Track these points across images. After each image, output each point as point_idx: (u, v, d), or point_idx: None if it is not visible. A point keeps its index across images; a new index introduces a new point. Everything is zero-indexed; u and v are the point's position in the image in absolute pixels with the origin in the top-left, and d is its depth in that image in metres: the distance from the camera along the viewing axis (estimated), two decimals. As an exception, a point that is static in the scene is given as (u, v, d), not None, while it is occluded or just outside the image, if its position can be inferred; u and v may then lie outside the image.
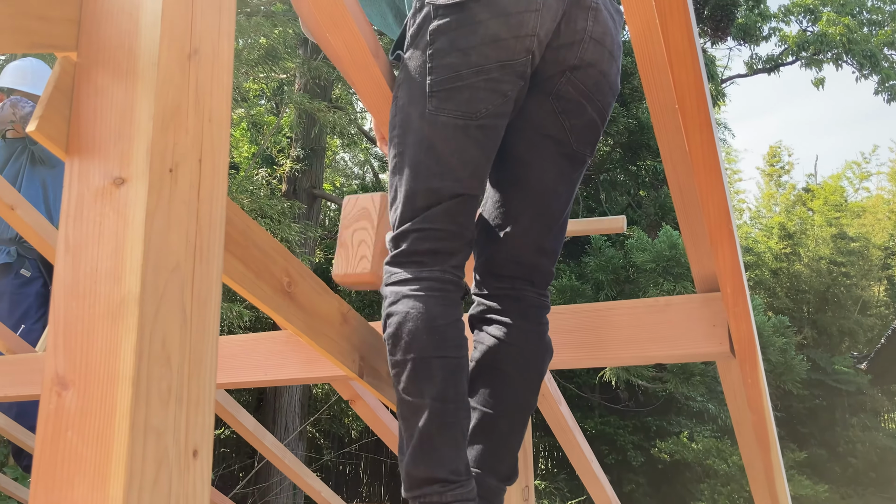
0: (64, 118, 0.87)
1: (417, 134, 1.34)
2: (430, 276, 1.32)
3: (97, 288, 0.79)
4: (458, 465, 1.27)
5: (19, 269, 3.06)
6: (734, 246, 1.19)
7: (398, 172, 1.36)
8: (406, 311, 1.29)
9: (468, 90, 1.31)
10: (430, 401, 1.26)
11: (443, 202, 1.34)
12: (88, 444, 0.75)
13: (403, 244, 1.35)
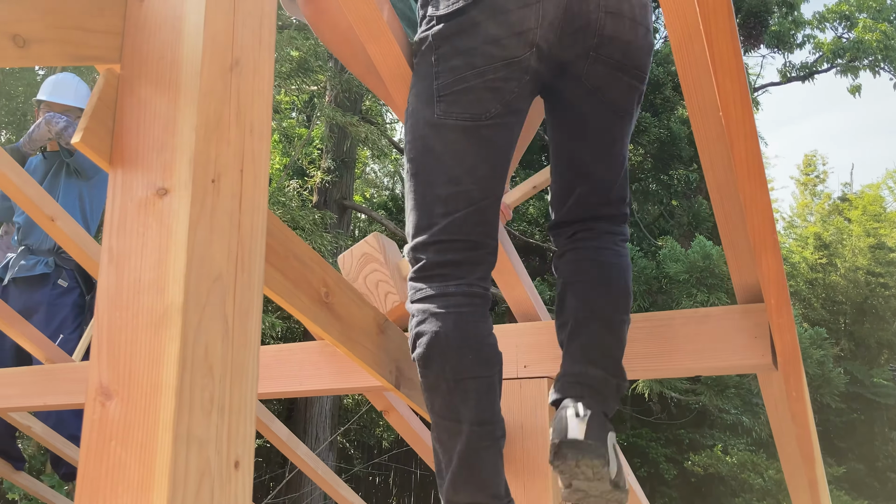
0: (108, 130, 0.88)
1: (428, 140, 1.32)
2: (456, 292, 1.29)
3: (140, 298, 0.80)
4: (498, 489, 1.25)
5: (56, 280, 3.11)
6: (778, 256, 1.17)
7: (413, 180, 1.34)
8: (435, 331, 1.26)
9: (475, 92, 1.29)
10: (468, 424, 1.23)
11: (461, 210, 1.31)
12: (132, 454, 0.75)
13: (425, 257, 1.32)
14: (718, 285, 6.46)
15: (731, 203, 1.35)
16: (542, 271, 9.47)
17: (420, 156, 1.33)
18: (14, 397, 2.26)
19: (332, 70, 7.84)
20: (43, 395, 2.23)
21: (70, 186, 3.22)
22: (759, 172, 1.06)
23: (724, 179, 1.32)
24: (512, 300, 1.79)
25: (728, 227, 1.40)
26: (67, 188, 3.21)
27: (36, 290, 3.09)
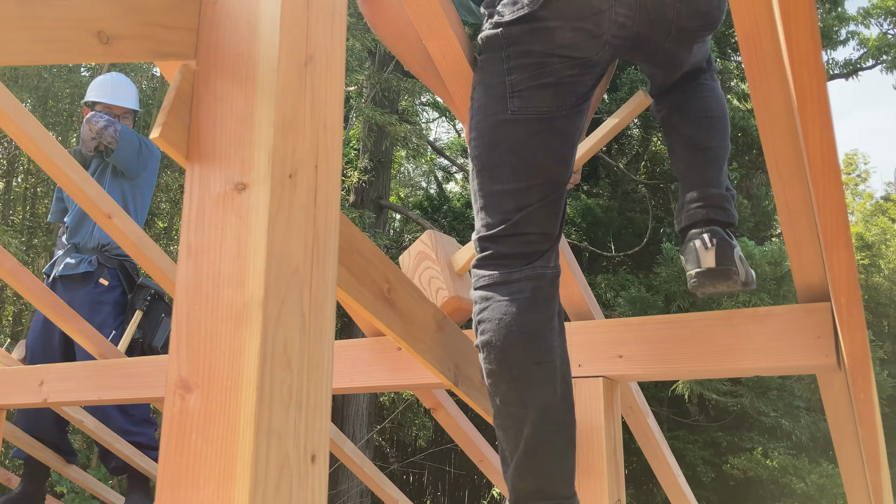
0: (184, 125, 0.88)
1: (498, 135, 1.33)
2: (520, 277, 1.31)
3: (220, 292, 0.80)
4: (565, 475, 1.26)
5: (99, 279, 3.16)
6: (851, 252, 1.14)
7: (482, 175, 1.35)
8: (499, 318, 1.28)
9: (551, 87, 1.32)
10: (534, 411, 1.24)
11: (534, 204, 1.33)
12: (213, 447, 0.76)
13: (494, 248, 1.34)
14: (761, 286, 6.35)
15: (795, 201, 1.32)
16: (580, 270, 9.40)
17: (490, 151, 1.34)
18: (69, 392, 2.30)
19: (369, 69, 7.88)
20: (98, 390, 2.27)
21: (114, 186, 3.28)
22: (835, 167, 1.03)
23: (788, 177, 1.30)
24: (566, 299, 1.78)
25: (792, 225, 1.37)
26: (112, 188, 3.26)
27: (79, 289, 3.15)
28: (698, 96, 1.58)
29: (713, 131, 1.56)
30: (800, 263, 1.45)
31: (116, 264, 3.21)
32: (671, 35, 1.42)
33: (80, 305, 3.07)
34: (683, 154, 1.57)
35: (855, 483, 1.87)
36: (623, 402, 1.96)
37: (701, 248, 1.43)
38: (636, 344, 1.64)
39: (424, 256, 1.71)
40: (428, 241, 1.73)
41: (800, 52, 0.93)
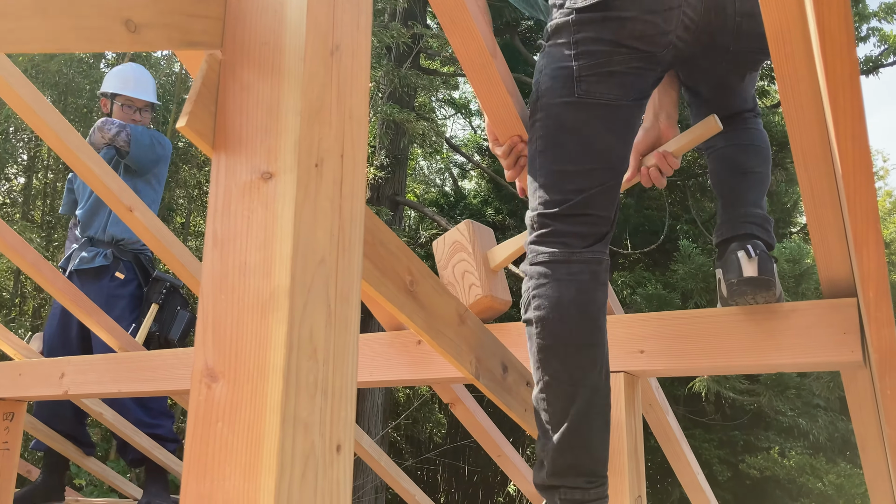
0: (210, 114, 0.88)
1: (566, 117, 1.36)
2: (580, 259, 1.34)
3: (246, 281, 0.80)
4: (603, 456, 1.31)
5: (115, 272, 3.17)
6: (881, 248, 1.13)
7: (546, 154, 1.38)
8: (558, 296, 1.31)
9: (619, 76, 1.35)
10: (584, 389, 1.29)
11: (595, 188, 1.36)
12: (239, 436, 0.76)
13: (553, 225, 1.37)
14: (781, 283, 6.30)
15: (822, 195, 1.31)
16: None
17: (553, 133, 1.38)
18: (90, 384, 2.32)
19: (386, 66, 7.88)
20: (117, 383, 2.28)
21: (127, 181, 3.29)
22: (867, 160, 1.02)
23: (814, 170, 1.28)
24: (586, 293, 1.76)
25: (818, 219, 1.35)
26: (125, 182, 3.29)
27: (95, 282, 3.16)
28: (745, 128, 1.67)
29: (759, 158, 1.64)
30: (825, 258, 1.43)
31: (132, 258, 3.22)
32: (729, 52, 1.48)
33: (95, 299, 3.07)
34: (728, 178, 1.64)
35: (879, 483, 1.85)
36: (643, 398, 1.95)
37: (744, 257, 1.48)
38: (658, 339, 1.63)
39: (460, 247, 1.69)
40: (465, 232, 1.71)
41: (832, 42, 0.92)
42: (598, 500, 1.29)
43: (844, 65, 0.93)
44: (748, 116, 1.68)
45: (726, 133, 1.66)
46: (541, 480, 1.33)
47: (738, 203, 1.58)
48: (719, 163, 1.66)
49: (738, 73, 1.58)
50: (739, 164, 1.63)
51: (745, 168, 1.63)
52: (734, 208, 1.58)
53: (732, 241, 1.54)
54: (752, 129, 1.67)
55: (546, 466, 1.32)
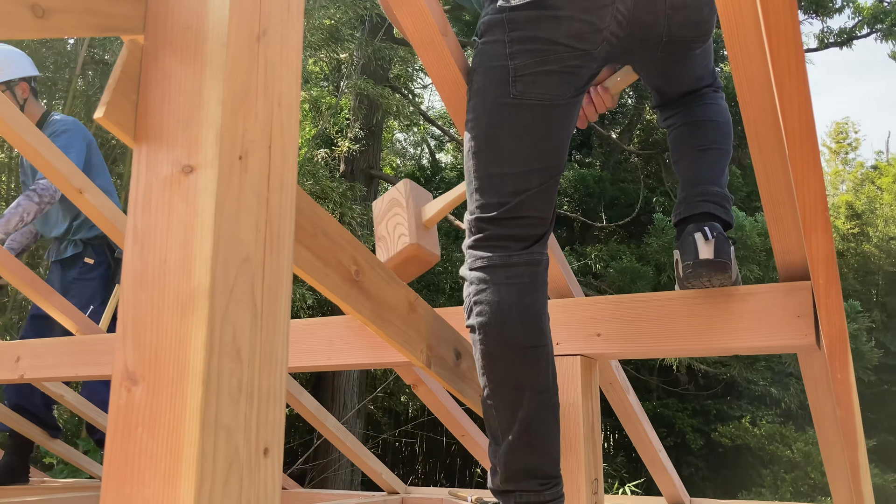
0: (131, 104, 0.84)
1: (501, 118, 1.33)
2: (519, 262, 1.32)
3: (166, 280, 0.77)
4: (555, 456, 1.30)
5: (84, 258, 3.14)
6: (829, 234, 1.11)
7: (479, 157, 1.35)
8: (498, 301, 1.29)
9: (555, 75, 1.32)
10: (530, 392, 1.27)
11: (532, 189, 1.33)
12: (159, 442, 0.73)
13: (489, 229, 1.34)
14: (751, 257, 6.35)
15: (776, 178, 1.29)
16: (571, 241, 9.39)
17: (487, 134, 1.34)
18: (47, 368, 2.27)
19: (359, 39, 7.76)
20: (75, 366, 2.24)
21: None
22: (813, 146, 1.00)
23: (769, 154, 1.26)
24: (544, 276, 1.75)
25: (773, 203, 1.34)
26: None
27: (69, 270, 3.17)
28: (703, 104, 1.64)
29: (717, 134, 1.61)
30: (781, 241, 1.42)
31: (101, 241, 3.18)
32: (663, 43, 1.44)
33: (69, 285, 3.06)
34: (687, 154, 1.60)
35: (834, 460, 1.86)
36: (603, 378, 1.95)
37: (700, 239, 1.45)
38: (615, 322, 1.62)
39: (395, 203, 1.70)
40: (402, 189, 1.72)
41: (777, 28, 0.89)
42: (553, 500, 1.28)
43: (790, 50, 0.91)
44: (706, 91, 1.65)
45: (685, 110, 1.64)
46: (495, 486, 1.32)
47: (696, 181, 1.55)
48: (679, 140, 1.63)
49: (677, 60, 1.55)
50: (698, 140, 1.61)
51: (704, 144, 1.60)
52: (692, 186, 1.55)
53: (689, 222, 1.51)
54: (710, 105, 1.63)
55: (499, 472, 1.31)
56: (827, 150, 17.45)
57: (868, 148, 46.70)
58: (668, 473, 2.40)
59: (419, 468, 11.54)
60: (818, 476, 8.41)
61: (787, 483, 9.14)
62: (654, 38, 1.43)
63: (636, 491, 7.74)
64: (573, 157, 10.15)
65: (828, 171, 17.24)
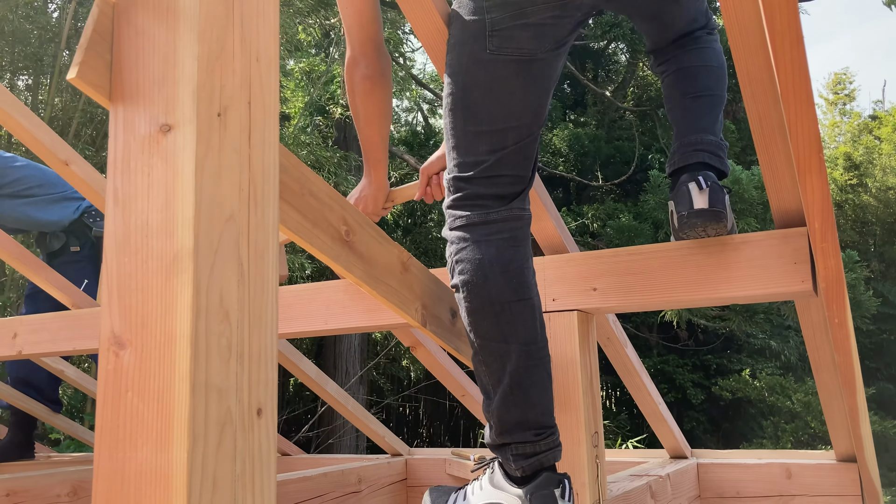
0: (105, 63, 0.82)
1: (477, 74, 1.30)
2: (497, 218, 1.31)
3: (149, 242, 0.75)
4: (547, 407, 1.30)
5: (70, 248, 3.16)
6: (824, 178, 1.10)
7: (456, 114, 1.32)
8: (479, 258, 1.29)
9: (532, 28, 1.28)
10: (517, 345, 1.27)
11: (509, 147, 1.31)
12: (149, 406, 0.72)
13: (467, 188, 1.33)
14: (748, 210, 6.33)
15: (770, 124, 1.27)
16: (568, 202, 9.37)
17: (465, 91, 1.31)
18: (44, 343, 2.27)
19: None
20: (72, 340, 2.23)
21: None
22: (806, 88, 0.98)
23: (762, 98, 1.24)
24: (539, 233, 1.73)
25: (767, 149, 1.32)
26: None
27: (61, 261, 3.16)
28: (696, 48, 1.59)
29: (710, 80, 1.57)
30: (775, 188, 1.40)
31: (78, 225, 3.16)
32: None
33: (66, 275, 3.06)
34: (681, 102, 1.56)
35: (833, 406, 1.87)
36: (600, 332, 1.95)
37: (694, 188, 1.43)
38: (610, 276, 1.61)
39: None
40: None
41: (767, -38, 0.87)
42: (549, 450, 1.29)
43: (780, -13, 0.88)
44: (699, 34, 1.60)
45: (677, 55, 1.59)
46: (491, 441, 1.33)
47: (689, 130, 1.52)
48: (672, 87, 1.59)
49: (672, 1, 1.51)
50: (691, 87, 1.57)
51: (697, 91, 1.56)
52: (685, 135, 1.52)
53: (684, 172, 1.49)
54: (703, 49, 1.59)
55: (493, 427, 1.31)
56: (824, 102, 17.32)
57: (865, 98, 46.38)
58: (668, 426, 2.42)
59: (423, 432, 11.65)
60: (818, 425, 8.49)
61: (788, 433, 9.24)
62: None
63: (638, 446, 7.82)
64: (567, 117, 10.07)
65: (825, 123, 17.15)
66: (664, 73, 1.64)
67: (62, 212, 3.10)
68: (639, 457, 2.74)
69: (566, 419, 1.59)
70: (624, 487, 1.80)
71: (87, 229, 3.18)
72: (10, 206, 3.01)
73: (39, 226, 3.11)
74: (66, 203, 3.12)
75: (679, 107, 1.57)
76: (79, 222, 3.15)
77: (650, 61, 1.70)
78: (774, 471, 2.34)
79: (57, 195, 3.09)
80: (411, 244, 9.08)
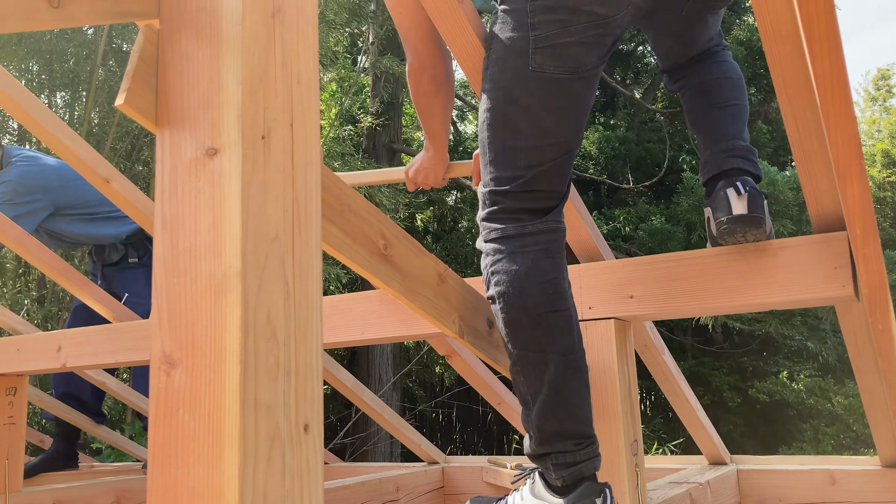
0: (151, 89, 0.84)
1: (518, 91, 1.31)
2: (533, 231, 1.32)
3: (197, 264, 0.77)
4: (587, 416, 1.31)
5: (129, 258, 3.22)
6: (865, 183, 1.09)
7: (494, 129, 1.34)
8: (515, 269, 1.30)
9: (576, 46, 1.29)
10: (554, 355, 1.28)
11: (546, 164, 1.32)
12: (200, 423, 0.74)
13: (503, 202, 1.34)
14: (784, 212, 6.25)
15: (807, 128, 1.26)
16: (599, 205, 9.32)
17: (505, 106, 1.32)
18: (86, 356, 2.32)
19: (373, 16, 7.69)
20: (114, 353, 2.28)
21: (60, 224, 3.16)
22: (845, 94, 0.97)
23: (798, 103, 1.23)
24: (574, 240, 1.74)
25: (804, 153, 1.31)
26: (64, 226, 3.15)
27: (119, 273, 3.23)
28: (715, 62, 1.62)
29: (734, 91, 1.59)
30: (814, 192, 1.39)
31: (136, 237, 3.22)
32: (689, 2, 1.43)
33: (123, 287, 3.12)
34: (706, 114, 1.58)
35: (877, 411, 1.84)
36: (637, 339, 1.94)
37: (733, 194, 1.44)
38: (647, 283, 1.60)
39: None
40: None
41: (804, -30, 0.87)
42: (588, 459, 1.29)
43: (818, -6, 0.88)
44: (716, 50, 1.63)
45: (697, 69, 1.62)
46: (531, 451, 1.34)
47: (720, 138, 1.53)
48: (695, 100, 1.61)
49: (697, 21, 1.52)
50: (716, 98, 1.59)
51: (722, 101, 1.58)
52: (716, 143, 1.53)
53: (720, 179, 1.50)
54: (722, 62, 1.62)
55: (533, 437, 1.32)
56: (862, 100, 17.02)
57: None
58: (706, 431, 2.39)
59: (457, 437, 11.64)
60: (861, 428, 8.32)
61: (829, 436, 9.07)
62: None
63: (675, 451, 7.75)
64: (597, 119, 10.03)
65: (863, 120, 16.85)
66: (683, 89, 1.65)
67: (121, 227, 3.17)
68: (677, 463, 2.71)
69: (605, 427, 1.58)
70: (664, 495, 1.78)
71: (146, 240, 3.24)
72: (71, 224, 3.07)
73: (99, 240, 3.17)
74: (126, 218, 3.18)
75: (706, 118, 1.58)
76: (138, 234, 3.21)
77: (665, 80, 1.72)
78: (818, 477, 2.31)
79: (116, 210, 3.16)
80: (442, 250, 9.10)
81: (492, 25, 1.37)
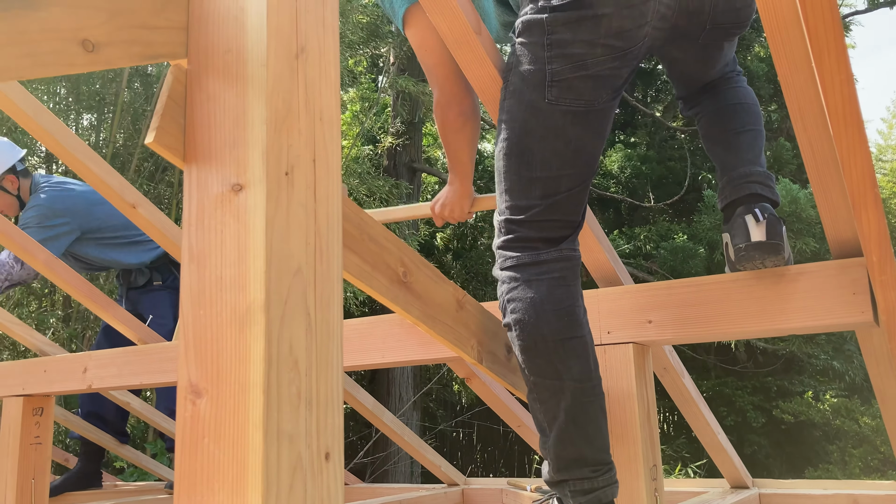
0: (179, 127, 0.87)
1: (534, 122, 1.33)
2: (548, 259, 1.34)
3: (223, 296, 0.80)
4: (603, 443, 1.32)
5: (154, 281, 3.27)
6: (880, 210, 1.09)
7: (510, 159, 1.36)
8: (531, 297, 1.31)
9: (592, 80, 1.31)
10: (570, 382, 1.29)
11: (562, 194, 1.34)
12: (225, 452, 0.76)
13: (518, 231, 1.36)
14: (806, 230, 6.20)
15: (823, 155, 1.27)
16: (620, 223, 9.30)
17: (521, 137, 1.35)
18: (111, 377, 2.36)
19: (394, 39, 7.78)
20: (138, 375, 2.32)
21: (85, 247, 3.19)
22: (857, 123, 0.99)
23: (814, 131, 1.24)
24: (592, 265, 1.75)
25: (820, 179, 1.32)
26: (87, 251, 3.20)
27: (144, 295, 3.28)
28: (731, 88, 1.64)
29: (750, 116, 1.60)
30: (831, 218, 1.40)
31: (161, 261, 3.27)
32: (706, 31, 1.44)
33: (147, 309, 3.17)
34: (723, 138, 1.59)
35: (900, 436, 1.83)
36: (657, 363, 1.94)
37: (751, 221, 1.45)
38: (665, 308, 1.61)
39: None
40: None
41: (813, 5, 0.88)
42: (606, 486, 1.30)
43: (827, 26, 0.90)
44: (731, 76, 1.65)
45: (713, 96, 1.63)
46: (549, 477, 1.35)
47: (737, 163, 1.54)
48: (711, 126, 1.62)
49: (713, 49, 1.53)
50: (732, 123, 1.60)
51: (738, 127, 1.59)
52: (734, 169, 1.53)
53: (739, 205, 1.50)
54: (738, 88, 1.63)
55: (551, 463, 1.34)
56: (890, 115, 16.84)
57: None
58: (727, 455, 2.38)
59: (477, 457, 11.59)
60: (888, 450, 8.19)
61: (856, 458, 8.93)
62: (698, 26, 1.42)
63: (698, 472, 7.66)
64: (617, 137, 10.02)
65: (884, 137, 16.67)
66: (699, 115, 1.67)
67: (145, 253, 3.22)
68: (698, 487, 2.70)
69: (624, 452, 1.59)
70: (684, 520, 1.78)
71: (171, 264, 3.28)
72: (97, 249, 3.12)
73: (125, 266, 3.22)
74: (150, 242, 3.23)
75: (722, 143, 1.59)
76: (163, 258, 3.26)
77: (680, 106, 1.74)
78: (841, 502, 2.29)
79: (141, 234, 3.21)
80: (461, 268, 9.11)
81: (509, 57, 1.39)
